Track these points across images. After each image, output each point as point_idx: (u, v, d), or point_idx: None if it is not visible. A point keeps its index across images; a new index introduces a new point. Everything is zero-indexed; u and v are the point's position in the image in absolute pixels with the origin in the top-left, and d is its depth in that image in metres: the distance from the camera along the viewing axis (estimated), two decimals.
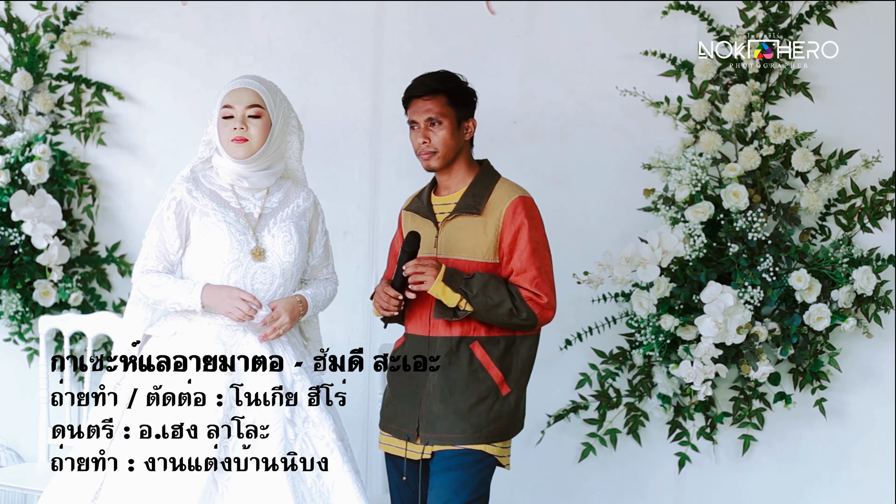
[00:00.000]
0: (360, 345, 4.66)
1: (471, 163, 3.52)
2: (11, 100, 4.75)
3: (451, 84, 3.45)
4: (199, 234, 3.33)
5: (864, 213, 4.42)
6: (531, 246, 3.38)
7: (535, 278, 3.37)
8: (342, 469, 3.29)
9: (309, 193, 3.51)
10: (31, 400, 4.63)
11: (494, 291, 3.33)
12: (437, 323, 3.42)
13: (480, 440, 3.38)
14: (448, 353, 3.40)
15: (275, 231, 3.37)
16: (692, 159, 4.32)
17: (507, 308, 3.33)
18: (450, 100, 3.44)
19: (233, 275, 3.31)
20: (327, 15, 4.71)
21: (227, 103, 3.34)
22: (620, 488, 4.62)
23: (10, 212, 4.55)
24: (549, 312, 3.40)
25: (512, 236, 3.39)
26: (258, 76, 3.43)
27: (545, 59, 4.62)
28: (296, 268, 3.40)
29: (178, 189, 3.36)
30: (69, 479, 3.29)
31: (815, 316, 4.27)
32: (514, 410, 3.44)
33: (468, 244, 3.41)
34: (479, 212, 3.42)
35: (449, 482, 3.38)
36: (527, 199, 3.44)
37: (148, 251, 3.37)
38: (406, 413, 3.46)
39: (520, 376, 3.45)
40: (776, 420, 4.50)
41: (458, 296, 3.33)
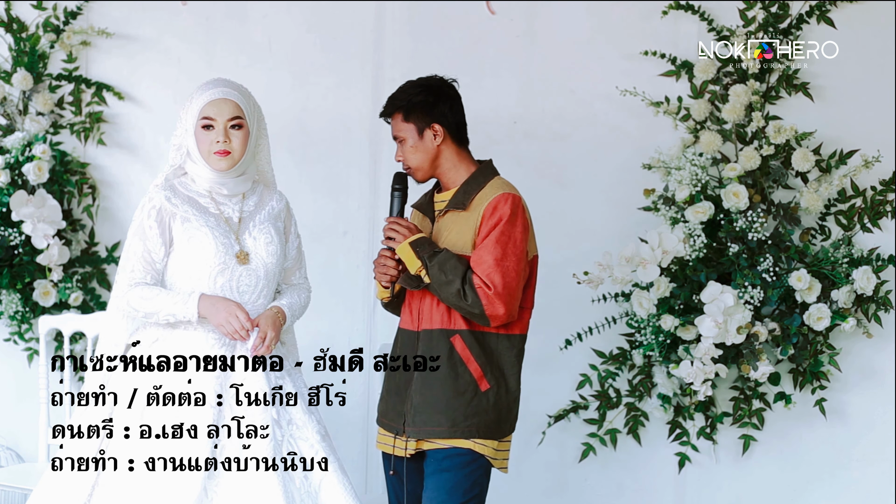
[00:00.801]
0: (360, 345, 4.66)
1: (467, 162, 3.52)
2: (11, 100, 4.75)
3: (402, 101, 3.48)
4: (182, 241, 3.30)
5: (864, 213, 4.42)
6: (496, 238, 3.37)
7: (489, 267, 3.34)
8: (330, 469, 3.30)
9: (281, 196, 3.51)
10: (31, 400, 4.63)
11: (452, 270, 3.35)
12: (424, 317, 3.45)
13: (457, 434, 3.38)
14: (427, 346, 3.42)
15: (255, 234, 3.37)
16: (692, 159, 4.32)
17: (456, 288, 3.34)
18: (404, 116, 3.47)
19: (219, 279, 3.30)
20: (327, 15, 4.71)
21: (208, 115, 3.32)
22: (620, 488, 4.62)
23: (10, 212, 4.55)
24: (498, 306, 3.34)
25: (487, 230, 3.39)
26: (230, 81, 3.41)
27: (545, 59, 4.61)
28: (277, 268, 3.41)
29: (156, 197, 3.33)
30: (61, 481, 3.28)
31: (815, 316, 4.27)
32: (495, 408, 3.41)
33: (453, 238, 3.45)
34: (464, 207, 3.44)
35: (441, 484, 3.39)
36: (511, 197, 3.42)
37: (133, 264, 3.32)
38: (395, 408, 3.49)
39: (501, 375, 3.43)
40: (776, 420, 4.50)
41: (420, 263, 3.38)
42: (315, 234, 4.42)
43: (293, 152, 4.66)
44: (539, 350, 4.51)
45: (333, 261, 4.69)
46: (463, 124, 3.53)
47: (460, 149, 3.52)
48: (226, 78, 3.43)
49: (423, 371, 3.42)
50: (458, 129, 3.51)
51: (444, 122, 3.48)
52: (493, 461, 3.45)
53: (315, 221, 4.56)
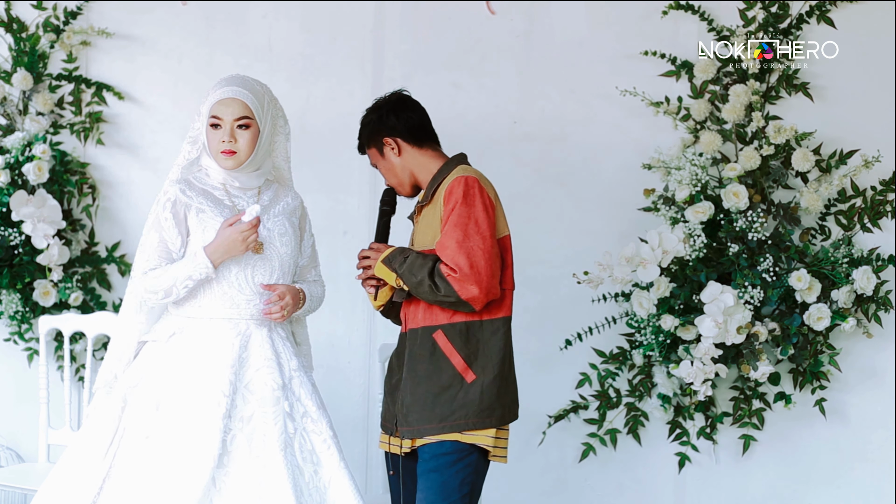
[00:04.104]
0: (360, 345, 4.66)
1: (435, 159, 3.51)
2: (11, 100, 4.74)
3: (363, 132, 3.56)
4: (197, 231, 3.34)
5: (864, 213, 4.42)
6: (454, 220, 3.35)
7: (452, 252, 3.33)
8: (338, 466, 3.32)
9: (296, 195, 3.55)
10: (31, 400, 4.62)
11: (419, 269, 3.35)
12: (410, 317, 3.47)
13: (447, 429, 3.37)
14: (413, 345, 3.43)
15: (270, 225, 3.40)
16: (692, 159, 4.32)
17: (427, 285, 3.34)
18: (365, 145, 3.56)
19: (233, 267, 3.33)
20: (327, 15, 4.71)
21: (216, 113, 3.35)
22: (620, 488, 4.62)
23: (10, 212, 4.55)
24: (471, 288, 3.31)
25: (446, 215, 3.38)
26: (245, 79, 3.42)
27: (545, 59, 4.61)
28: (292, 260, 3.44)
29: (171, 190, 3.37)
30: (74, 470, 3.30)
31: (815, 316, 4.27)
32: (485, 396, 3.38)
33: (424, 234, 3.47)
34: (429, 200, 3.46)
35: (430, 484, 3.39)
36: (466, 179, 3.38)
37: (149, 254, 3.35)
38: (388, 408, 3.52)
39: (487, 362, 3.40)
40: (776, 420, 4.50)
41: (394, 274, 3.40)
42: (315, 234, 4.42)
43: (293, 152, 4.63)
44: (539, 350, 4.52)
45: (333, 261, 4.68)
46: (419, 126, 3.50)
47: (423, 149, 3.51)
48: (242, 75, 3.45)
49: (409, 370, 3.43)
50: (413, 132, 3.50)
51: (394, 132, 3.50)
52: (493, 451, 3.41)
53: (315, 221, 4.55)
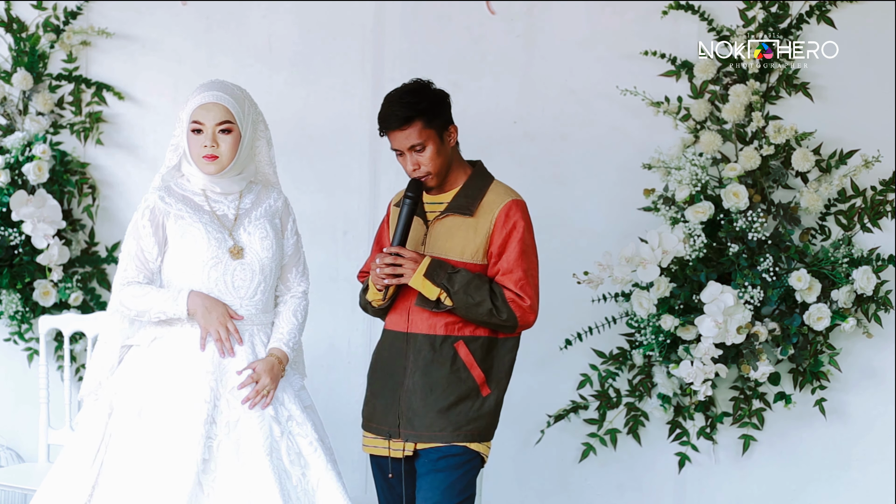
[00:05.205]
0: (360, 345, 4.66)
1: (461, 163, 3.50)
2: (11, 100, 4.75)
3: (423, 104, 3.35)
4: (176, 238, 3.33)
5: (864, 213, 4.42)
6: (520, 248, 3.39)
7: (520, 280, 3.37)
8: (326, 468, 3.32)
9: (280, 194, 3.52)
10: (31, 400, 4.62)
11: (476, 290, 3.34)
12: (415, 319, 3.43)
13: (459, 439, 3.39)
14: (430, 351, 3.40)
15: (251, 229, 3.39)
16: (692, 159, 4.32)
17: (488, 308, 3.34)
18: (426, 122, 3.36)
19: (213, 273, 3.32)
20: (327, 15, 4.71)
21: (197, 118, 3.34)
22: (620, 488, 4.62)
23: (10, 212, 4.55)
24: (531, 316, 3.39)
25: (503, 238, 3.39)
26: (225, 83, 3.41)
27: (545, 59, 4.61)
28: (274, 264, 3.41)
29: (151, 197, 3.37)
30: (63, 479, 3.31)
31: (815, 316, 4.28)
32: (493, 412, 3.45)
33: (457, 244, 3.42)
34: (471, 213, 3.41)
35: (437, 483, 3.39)
36: (520, 203, 3.44)
37: (126, 263, 3.37)
38: (384, 410, 3.47)
39: (501, 378, 3.45)
40: (776, 420, 4.50)
41: (438, 290, 3.35)
42: (315, 234, 4.42)
43: (293, 152, 4.65)
44: (539, 350, 4.51)
45: (333, 261, 4.69)
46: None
47: (458, 151, 3.52)
48: (222, 80, 3.44)
49: (423, 375, 3.41)
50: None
51: (453, 122, 3.46)
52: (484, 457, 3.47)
53: (315, 221, 4.56)
